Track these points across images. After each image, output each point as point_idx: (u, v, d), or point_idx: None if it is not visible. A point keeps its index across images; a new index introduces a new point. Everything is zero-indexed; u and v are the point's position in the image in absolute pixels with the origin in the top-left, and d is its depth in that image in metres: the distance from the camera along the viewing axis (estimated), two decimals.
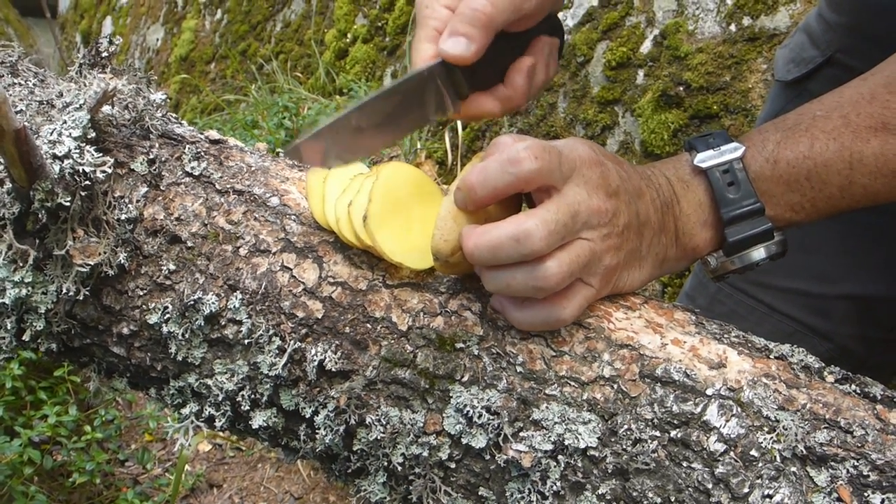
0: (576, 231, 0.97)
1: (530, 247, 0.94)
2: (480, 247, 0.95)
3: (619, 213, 1.01)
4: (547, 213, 0.95)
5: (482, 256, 0.96)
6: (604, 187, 1.00)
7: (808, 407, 0.95)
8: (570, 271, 0.97)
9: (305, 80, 5.02)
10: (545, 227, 0.94)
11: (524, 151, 0.96)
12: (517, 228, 0.94)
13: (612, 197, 1.01)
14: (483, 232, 0.96)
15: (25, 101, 1.18)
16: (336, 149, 1.04)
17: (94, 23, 8.02)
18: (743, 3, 2.76)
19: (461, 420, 1.00)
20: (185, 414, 1.12)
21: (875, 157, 1.05)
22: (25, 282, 1.07)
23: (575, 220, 0.97)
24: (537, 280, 0.95)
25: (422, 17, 1.13)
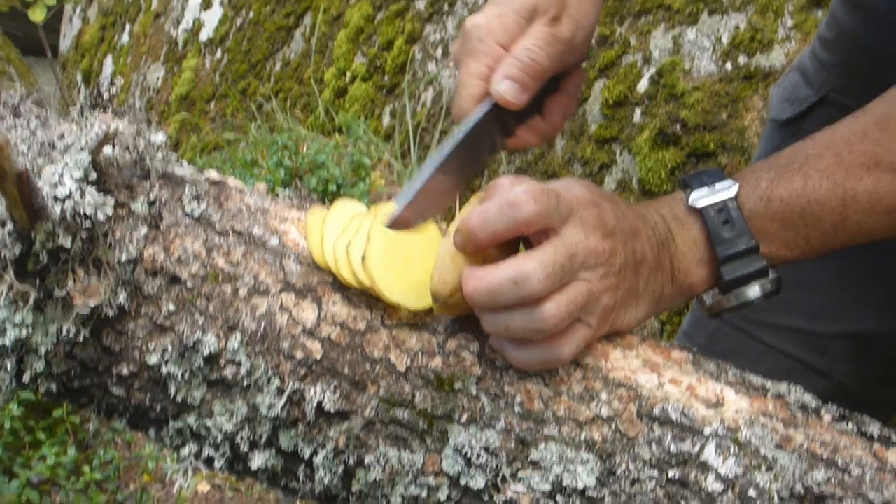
0: (573, 272, 0.98)
1: (529, 290, 0.94)
2: (479, 290, 0.96)
3: (616, 253, 1.02)
4: (545, 256, 0.96)
5: (481, 299, 0.97)
6: (600, 228, 1.01)
7: (805, 446, 0.95)
8: (568, 312, 0.97)
9: (305, 119, 5.04)
10: (543, 269, 0.95)
11: (523, 195, 0.97)
12: (516, 271, 0.95)
13: (609, 237, 1.02)
14: (482, 275, 0.96)
15: (27, 142, 1.18)
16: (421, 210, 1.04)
17: (95, 62, 8.06)
18: (739, 41, 2.78)
19: (460, 460, 1.00)
20: (184, 455, 1.12)
21: (868, 194, 1.06)
22: (26, 323, 1.08)
23: (573, 262, 0.97)
24: (535, 322, 0.96)
25: (474, 49, 1.15)
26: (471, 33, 1.15)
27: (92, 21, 8.41)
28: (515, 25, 1.15)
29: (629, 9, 3.15)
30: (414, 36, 4.44)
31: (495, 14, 1.16)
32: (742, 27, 2.79)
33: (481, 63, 1.14)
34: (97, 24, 8.26)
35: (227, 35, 6.23)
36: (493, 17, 1.15)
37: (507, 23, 1.15)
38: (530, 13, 1.16)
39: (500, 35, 1.15)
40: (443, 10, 4.32)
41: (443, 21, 4.30)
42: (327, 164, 4.03)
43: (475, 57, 1.14)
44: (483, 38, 1.14)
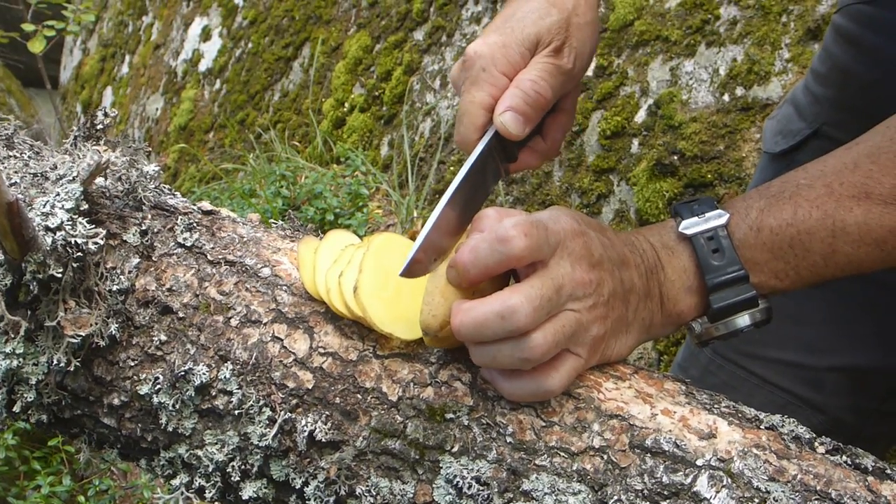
0: (561, 304, 0.98)
1: (515, 323, 0.94)
2: (466, 324, 0.96)
3: (604, 283, 1.02)
4: (531, 290, 0.96)
5: (468, 333, 0.97)
6: (587, 258, 1.01)
7: (798, 478, 0.94)
8: (555, 342, 0.97)
9: (303, 149, 5.05)
10: (530, 303, 0.95)
11: (513, 229, 0.97)
12: (502, 306, 0.95)
13: (596, 267, 1.02)
14: (468, 309, 0.96)
15: (20, 173, 1.19)
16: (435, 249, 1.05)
17: (95, 93, 8.09)
18: (736, 73, 2.79)
19: (451, 491, 0.99)
20: (175, 485, 1.12)
21: (858, 225, 1.06)
22: (17, 353, 1.07)
23: (560, 294, 0.97)
24: (523, 352, 0.96)
25: (477, 77, 1.15)
26: (474, 61, 1.16)
27: (92, 52, 8.45)
28: (519, 56, 1.16)
29: (627, 40, 3.16)
30: (412, 67, 4.46)
31: (499, 43, 1.16)
32: (739, 59, 2.80)
33: (485, 92, 1.14)
34: (97, 55, 8.30)
35: (225, 66, 6.26)
36: (497, 46, 1.16)
37: (510, 53, 1.16)
38: (533, 44, 1.17)
39: (504, 65, 1.15)
40: (441, 41, 4.34)
41: (441, 52, 4.31)
42: (325, 195, 4.03)
43: (478, 86, 1.14)
44: (486, 67, 1.15)
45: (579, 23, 1.20)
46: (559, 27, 1.18)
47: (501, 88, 1.15)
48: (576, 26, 1.20)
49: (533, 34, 1.17)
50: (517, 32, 1.17)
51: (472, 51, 1.16)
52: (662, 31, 3.05)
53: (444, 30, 4.34)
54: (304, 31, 5.49)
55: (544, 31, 1.18)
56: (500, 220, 1.00)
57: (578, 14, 1.21)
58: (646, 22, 3.12)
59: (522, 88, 1.14)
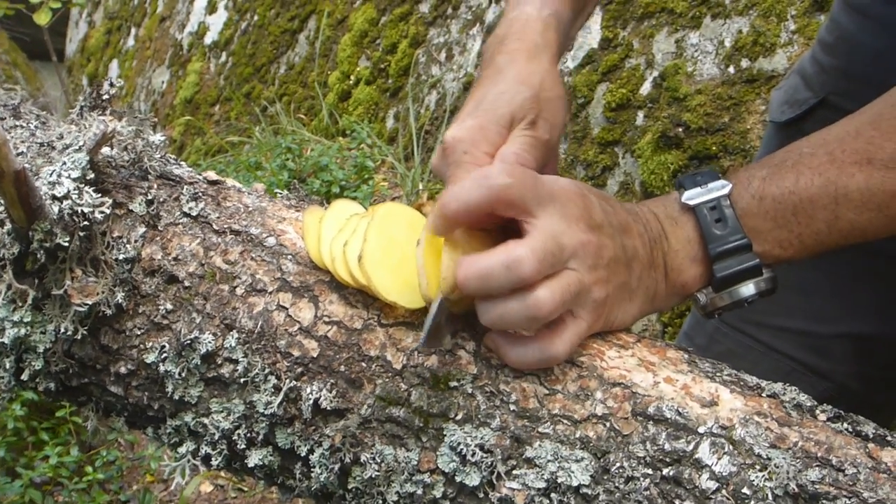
0: (563, 261, 0.99)
1: (520, 273, 0.95)
2: (470, 276, 0.96)
3: (604, 246, 1.03)
4: (535, 242, 0.96)
5: (472, 285, 0.97)
6: (585, 220, 1.02)
7: (799, 445, 0.95)
8: (561, 300, 0.98)
9: (309, 122, 5.05)
10: (534, 254, 0.95)
11: (498, 167, 1.00)
12: (507, 256, 0.95)
13: (595, 230, 1.02)
14: (473, 261, 0.97)
15: (27, 143, 1.19)
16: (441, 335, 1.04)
17: (101, 66, 8.08)
18: (741, 45, 2.78)
19: (455, 458, 1.00)
20: (181, 453, 1.13)
21: (860, 191, 1.06)
22: (24, 321, 1.08)
23: (562, 251, 0.98)
24: (530, 308, 0.96)
25: (461, 161, 1.16)
26: (454, 147, 1.17)
27: (98, 25, 8.44)
28: (497, 135, 1.18)
29: (632, 12, 3.15)
30: (418, 39, 4.45)
31: (476, 126, 1.18)
32: (745, 31, 2.79)
33: (469, 173, 1.15)
34: (103, 28, 8.29)
35: (231, 39, 6.25)
36: (475, 129, 1.18)
37: (489, 133, 1.17)
38: (509, 122, 1.19)
39: (485, 145, 1.17)
40: (446, 13, 4.33)
41: (447, 25, 4.30)
42: (331, 167, 4.04)
43: (462, 168, 1.15)
44: (468, 150, 1.16)
45: (548, 97, 1.23)
46: (531, 103, 1.21)
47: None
48: (545, 101, 1.22)
49: (507, 113, 1.19)
50: (491, 113, 1.19)
51: (450, 137, 1.18)
52: (668, 2, 3.05)
53: (449, 2, 4.33)
54: (309, 3, 5.48)
55: (517, 109, 1.20)
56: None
57: (546, 89, 1.23)
58: None
59: (508, 161, 1.15)
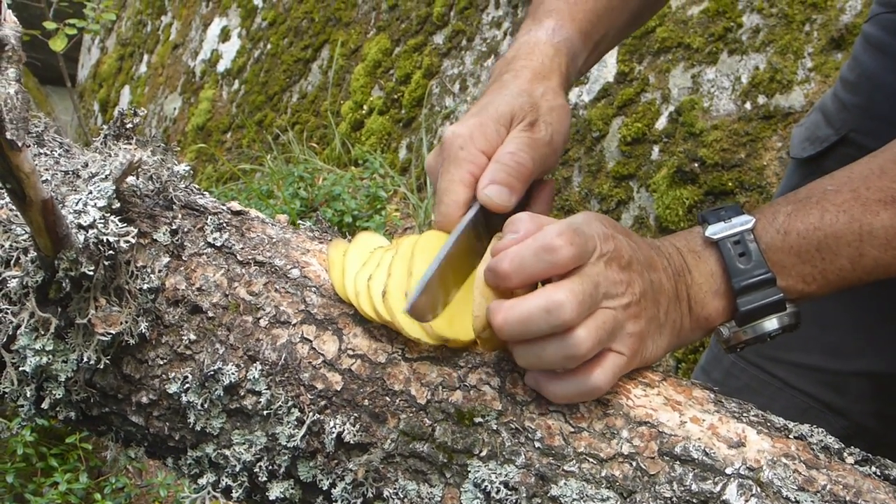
0: (598, 301, 0.99)
1: (561, 318, 0.95)
2: (510, 321, 0.97)
3: (634, 283, 1.03)
4: (574, 285, 0.97)
5: (512, 330, 0.97)
6: (616, 260, 1.02)
7: (828, 488, 0.94)
8: (598, 338, 0.98)
9: (321, 151, 5.06)
10: (574, 297, 0.95)
11: (559, 239, 0.98)
12: (548, 300, 0.95)
13: (626, 268, 1.03)
14: (511, 306, 0.97)
15: (51, 171, 1.19)
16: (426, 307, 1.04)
17: (113, 92, 8.11)
18: (758, 81, 2.78)
19: (479, 495, 1.00)
20: (201, 484, 1.12)
21: (885, 229, 1.07)
22: (46, 350, 1.08)
23: (598, 291, 0.98)
24: (568, 349, 0.96)
25: (456, 157, 1.17)
26: (452, 142, 1.18)
27: (110, 51, 8.48)
28: (495, 133, 1.19)
29: (648, 47, 3.16)
30: (432, 70, 4.47)
31: (475, 123, 1.19)
32: (762, 67, 2.80)
33: (464, 170, 1.16)
34: (115, 54, 8.33)
35: (244, 67, 6.28)
36: (474, 126, 1.19)
37: (486, 131, 1.18)
38: (508, 121, 1.20)
39: (482, 143, 1.18)
40: (461, 45, 4.34)
41: (460, 56, 4.32)
42: (343, 197, 4.04)
43: (458, 164, 1.16)
44: (464, 146, 1.17)
45: (549, 105, 1.24)
46: (531, 106, 1.22)
47: (481, 166, 1.17)
48: (546, 108, 1.24)
49: (507, 112, 1.21)
50: (491, 112, 1.20)
51: (449, 132, 1.19)
52: (684, 38, 3.05)
53: (464, 34, 4.34)
54: (323, 32, 5.50)
55: (517, 109, 1.21)
56: (537, 225, 1.01)
57: (547, 98, 1.25)
58: (668, 28, 3.12)
59: (503, 161, 1.16)
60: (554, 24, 1.33)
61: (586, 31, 1.36)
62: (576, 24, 1.34)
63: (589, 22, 1.36)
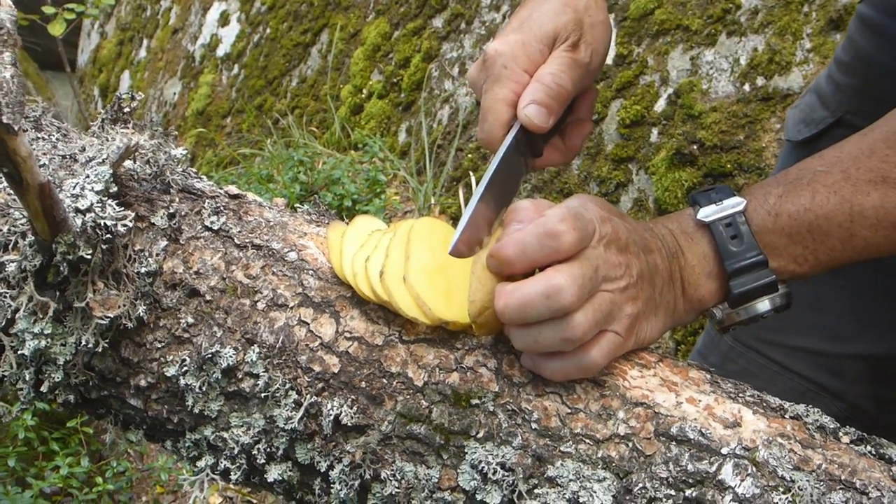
0: (598, 285, 0.99)
1: (561, 302, 0.96)
2: (511, 306, 0.98)
3: (632, 265, 1.04)
4: (573, 269, 0.97)
5: (512, 315, 0.98)
6: (615, 242, 1.03)
7: (823, 467, 0.95)
8: (595, 321, 0.99)
9: (321, 135, 5.05)
10: (574, 282, 0.96)
11: (562, 224, 0.99)
12: (547, 285, 0.96)
13: (624, 250, 1.04)
14: (512, 290, 0.98)
15: (48, 155, 1.19)
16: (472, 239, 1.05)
17: (113, 77, 8.10)
18: (756, 63, 2.78)
19: (476, 476, 1.00)
20: (200, 467, 1.12)
21: (875, 209, 1.07)
22: (45, 333, 1.08)
23: (597, 275, 0.99)
24: (565, 333, 0.97)
25: (499, 75, 1.17)
26: (494, 60, 1.18)
27: (110, 36, 8.46)
28: (538, 52, 1.19)
29: (647, 29, 3.15)
30: (431, 53, 4.45)
31: (518, 41, 1.18)
32: (760, 49, 2.79)
33: (507, 89, 1.16)
34: (115, 39, 8.30)
35: (244, 51, 6.26)
36: (517, 44, 1.18)
37: (529, 50, 1.18)
38: (551, 40, 1.20)
39: (524, 61, 1.17)
40: (460, 28, 4.33)
41: (460, 39, 4.31)
42: (343, 181, 4.04)
43: (501, 83, 1.16)
44: (507, 65, 1.17)
45: (592, 21, 1.23)
46: (574, 24, 1.21)
47: (523, 84, 1.17)
48: (589, 24, 1.23)
49: (550, 31, 1.20)
50: (535, 30, 1.20)
51: (492, 49, 1.19)
52: (683, 20, 3.05)
53: (463, 17, 4.33)
54: (322, 17, 5.48)
55: (561, 28, 1.20)
56: (538, 212, 1.02)
57: (591, 14, 1.23)
58: (666, 11, 3.11)
59: (544, 82, 1.16)
60: None
61: None
62: None
63: None
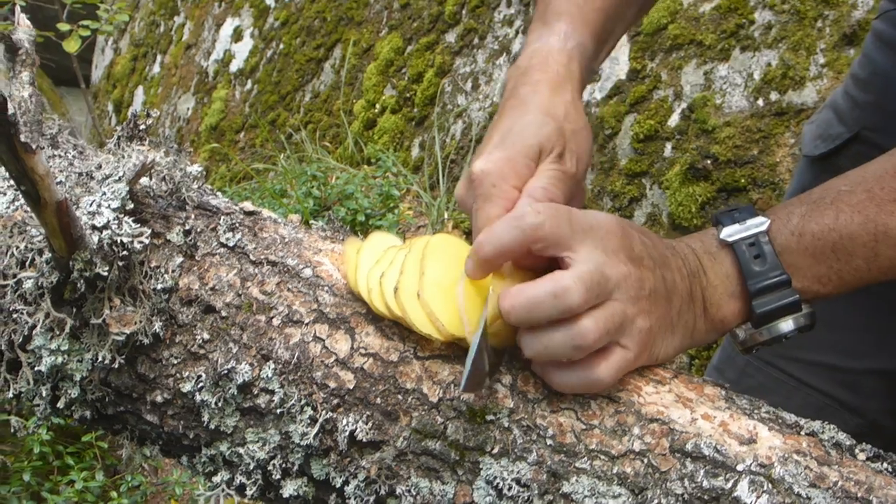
0: (608, 292, 0.99)
1: (568, 303, 0.95)
2: (517, 306, 0.97)
3: (645, 278, 1.03)
4: (581, 272, 0.97)
5: (519, 315, 0.98)
6: (625, 251, 1.02)
7: (839, 485, 0.94)
8: (605, 329, 0.98)
9: (334, 150, 5.06)
10: (582, 283, 0.96)
11: (528, 207, 1.00)
12: (555, 285, 0.96)
13: (635, 262, 1.03)
14: (519, 291, 0.97)
15: (65, 172, 1.20)
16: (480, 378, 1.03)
17: (126, 92, 8.14)
18: (770, 78, 2.78)
19: (491, 492, 1.00)
20: (215, 482, 1.13)
21: None
22: (62, 350, 1.09)
23: (607, 282, 0.98)
24: (574, 338, 0.97)
25: (489, 195, 1.15)
26: (482, 179, 1.17)
27: (124, 52, 8.51)
28: (525, 168, 1.18)
29: (660, 44, 3.16)
30: (444, 68, 4.47)
31: (504, 158, 1.18)
32: (774, 64, 2.79)
33: (499, 206, 1.15)
34: (129, 54, 8.35)
35: (257, 66, 6.29)
36: (503, 161, 1.17)
37: (517, 166, 1.17)
38: (536, 154, 1.19)
39: (513, 179, 1.16)
40: (473, 43, 4.34)
41: (473, 54, 4.32)
42: (356, 195, 4.05)
43: (491, 201, 1.15)
44: (496, 183, 1.16)
45: (574, 129, 1.23)
46: (557, 135, 1.21)
47: (513, 201, 1.16)
48: (571, 132, 1.23)
49: (535, 145, 1.19)
50: (518, 145, 1.19)
51: (478, 169, 1.17)
52: (696, 34, 3.05)
53: (475, 32, 4.34)
54: (335, 32, 5.51)
55: (545, 140, 1.20)
56: None
57: (570, 121, 1.24)
58: (679, 26, 3.12)
59: (536, 197, 1.15)
60: (566, 29, 1.32)
61: (597, 32, 1.35)
62: (587, 27, 1.33)
63: (599, 23, 1.35)
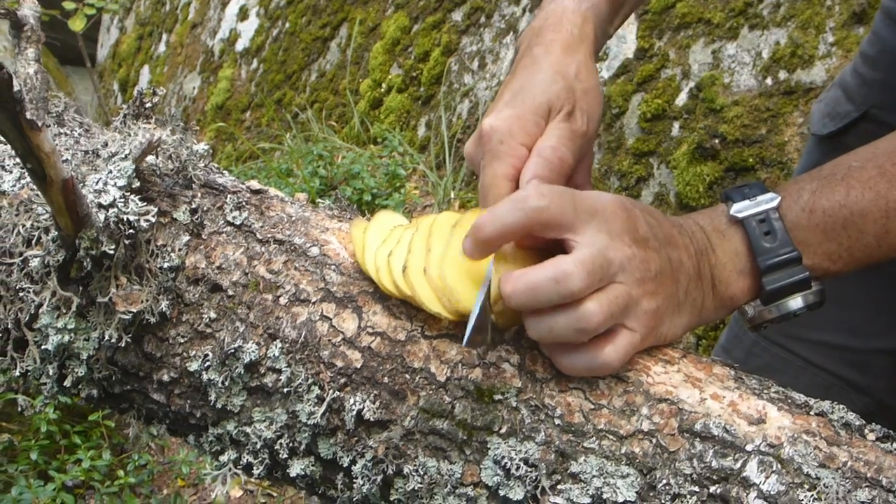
0: (611, 275, 0.98)
1: (569, 287, 0.95)
2: (518, 291, 0.96)
3: (650, 259, 1.02)
4: (583, 256, 0.96)
5: (520, 299, 0.97)
6: (629, 233, 1.01)
7: (849, 465, 0.94)
8: (609, 312, 0.97)
9: (340, 129, 5.05)
10: (583, 267, 0.95)
11: (532, 189, 1.00)
12: (556, 269, 0.95)
13: (640, 243, 1.02)
14: (520, 275, 0.96)
15: (71, 150, 1.20)
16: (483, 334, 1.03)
17: (132, 71, 8.12)
18: (779, 56, 2.76)
19: (499, 472, 1.00)
20: (222, 461, 1.12)
21: None
22: (68, 328, 1.09)
23: (610, 264, 0.98)
24: (579, 321, 0.96)
25: (497, 152, 1.16)
26: (490, 136, 1.17)
27: (129, 31, 8.49)
28: (534, 125, 1.18)
29: (668, 22, 3.14)
30: (450, 47, 4.45)
31: (513, 115, 1.18)
32: (783, 43, 2.78)
33: (506, 164, 1.16)
34: (134, 33, 8.33)
35: (263, 45, 6.27)
36: (512, 118, 1.18)
37: (525, 124, 1.17)
38: (546, 112, 1.19)
39: (521, 136, 1.17)
40: (479, 21, 4.33)
41: (479, 33, 4.30)
42: (362, 175, 4.04)
43: (499, 159, 1.16)
44: (504, 140, 1.16)
45: (584, 87, 1.23)
46: (567, 93, 1.21)
47: (522, 159, 1.16)
48: (581, 91, 1.23)
49: (544, 102, 1.19)
50: (528, 103, 1.19)
51: (487, 125, 1.18)
52: (704, 13, 3.03)
53: (482, 10, 4.33)
54: (341, 11, 5.49)
55: (554, 98, 1.20)
56: None
57: (582, 80, 1.23)
58: (688, 4, 3.10)
59: (545, 156, 1.15)
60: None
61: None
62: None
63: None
